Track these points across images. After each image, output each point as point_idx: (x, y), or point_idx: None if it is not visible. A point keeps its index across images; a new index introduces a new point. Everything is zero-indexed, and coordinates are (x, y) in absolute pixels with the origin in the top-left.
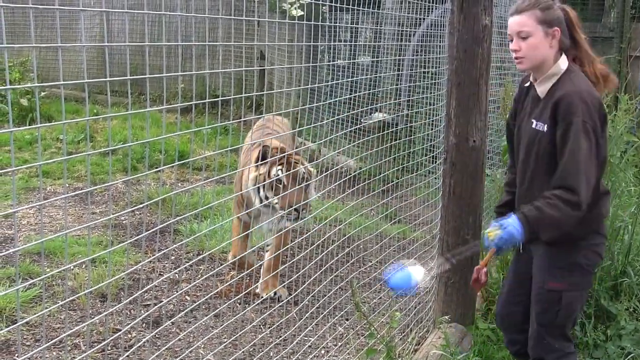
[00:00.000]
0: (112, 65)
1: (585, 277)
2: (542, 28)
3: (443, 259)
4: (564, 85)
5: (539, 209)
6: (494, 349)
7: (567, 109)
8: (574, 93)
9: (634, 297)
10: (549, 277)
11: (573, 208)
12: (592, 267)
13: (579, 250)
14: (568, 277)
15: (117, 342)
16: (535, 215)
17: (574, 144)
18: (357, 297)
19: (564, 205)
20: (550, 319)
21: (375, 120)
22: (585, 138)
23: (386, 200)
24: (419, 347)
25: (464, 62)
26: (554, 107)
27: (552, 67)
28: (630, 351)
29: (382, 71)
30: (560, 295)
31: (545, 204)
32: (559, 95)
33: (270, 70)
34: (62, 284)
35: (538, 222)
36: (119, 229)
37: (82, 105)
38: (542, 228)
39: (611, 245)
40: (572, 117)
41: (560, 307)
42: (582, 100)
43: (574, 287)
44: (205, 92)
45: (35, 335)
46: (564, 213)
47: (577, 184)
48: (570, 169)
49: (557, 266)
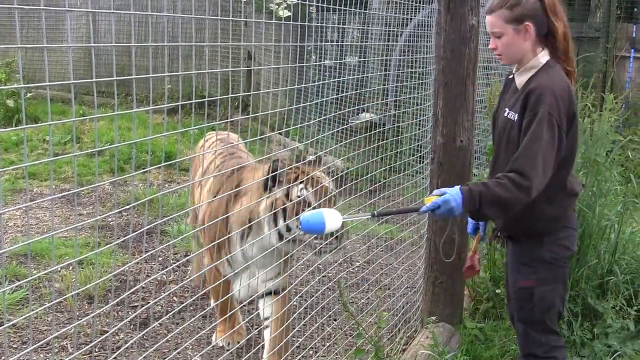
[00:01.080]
0: (98, 66)
1: (554, 271)
2: (512, 26)
3: (369, 214)
4: (539, 78)
5: (486, 185)
6: (482, 348)
7: (536, 99)
8: (546, 86)
9: (620, 295)
10: (518, 276)
11: (521, 191)
12: (561, 260)
13: (543, 246)
14: (535, 274)
15: (105, 344)
16: (480, 190)
17: (535, 132)
18: (345, 297)
19: (512, 186)
20: (528, 315)
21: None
22: (548, 129)
23: (374, 201)
24: (407, 347)
25: (451, 62)
26: (525, 98)
27: (532, 60)
28: (616, 349)
29: (369, 71)
30: (532, 292)
31: (495, 183)
32: (531, 86)
33: (258, 71)
34: (49, 285)
35: (482, 197)
36: (106, 230)
37: (69, 106)
38: (486, 204)
39: (597, 244)
40: (538, 108)
41: (533, 303)
42: (552, 94)
43: (543, 283)
44: (192, 93)
45: (22, 337)
46: (511, 194)
47: (530, 170)
48: (527, 154)
49: (523, 263)
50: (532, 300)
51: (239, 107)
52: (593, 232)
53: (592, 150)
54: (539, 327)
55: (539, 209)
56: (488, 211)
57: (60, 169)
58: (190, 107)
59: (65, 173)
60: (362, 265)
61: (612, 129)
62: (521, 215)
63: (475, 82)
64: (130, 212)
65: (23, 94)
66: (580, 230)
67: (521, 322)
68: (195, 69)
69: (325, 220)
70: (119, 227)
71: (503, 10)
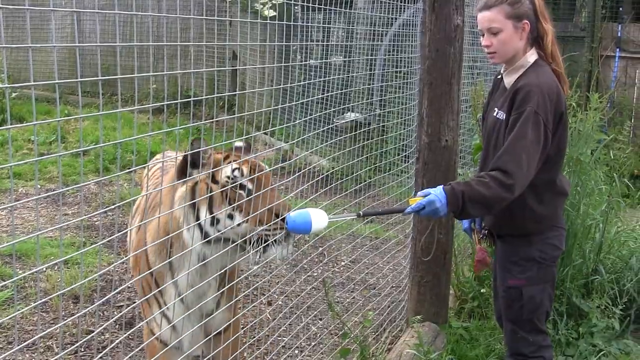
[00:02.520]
0: (84, 66)
1: (543, 270)
2: (512, 23)
3: (355, 214)
4: (528, 77)
5: (469, 184)
6: (467, 348)
7: (523, 98)
8: (534, 85)
9: (605, 294)
10: (507, 275)
11: (504, 189)
12: (550, 259)
13: (532, 245)
14: (524, 273)
15: (91, 343)
16: (462, 189)
17: (520, 131)
18: (330, 296)
19: (495, 185)
20: (517, 315)
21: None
22: (533, 128)
23: (359, 200)
24: (393, 347)
25: (436, 61)
26: (512, 97)
27: (521, 59)
28: (601, 348)
29: (354, 71)
30: (521, 291)
31: (477, 181)
32: (519, 85)
33: (243, 71)
34: (34, 285)
35: (464, 196)
36: (92, 230)
37: (54, 106)
38: (469, 203)
39: (582, 244)
40: (525, 106)
41: (522, 302)
42: (540, 93)
43: (532, 282)
44: (177, 93)
45: (8, 337)
46: (493, 192)
47: (513, 168)
48: (510, 152)
49: (512, 262)
50: (521, 299)
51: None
52: (578, 232)
53: (576, 150)
54: (527, 326)
55: (529, 208)
56: (472, 210)
57: (46, 168)
58: (176, 107)
59: (50, 173)
60: (348, 264)
61: (597, 128)
62: (511, 215)
63: (461, 81)
64: (116, 212)
65: (8, 94)
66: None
67: (510, 321)
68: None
69: (311, 219)
70: (104, 227)
71: (504, 6)
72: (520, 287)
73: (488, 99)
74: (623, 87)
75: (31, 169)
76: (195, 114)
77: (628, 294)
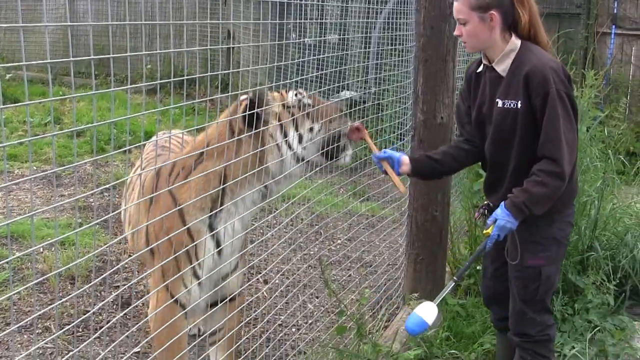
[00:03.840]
0: (78, 46)
1: (561, 249)
2: (477, 14)
3: (451, 282)
4: (527, 59)
5: (526, 190)
6: (464, 324)
7: (540, 81)
8: (541, 65)
9: (600, 270)
10: (527, 254)
11: (558, 179)
12: (567, 238)
13: (553, 223)
14: (546, 252)
15: (88, 323)
16: (522, 200)
17: (552, 113)
18: (326, 274)
19: (549, 179)
20: (532, 295)
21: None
22: (561, 106)
23: (355, 178)
24: (389, 324)
25: (431, 38)
26: (524, 82)
27: (508, 45)
28: (596, 324)
29: (349, 49)
30: (540, 270)
31: (533, 183)
32: (527, 69)
33: (238, 50)
34: (31, 267)
35: (526, 204)
36: (88, 211)
37: (49, 88)
38: (534, 208)
39: (578, 220)
40: (547, 88)
41: (540, 282)
42: (552, 70)
43: (550, 261)
44: (171, 73)
45: (5, 319)
46: (551, 188)
47: (559, 154)
48: (551, 139)
49: (534, 242)
50: (539, 279)
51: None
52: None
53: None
54: (538, 306)
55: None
56: (537, 210)
57: (41, 150)
58: (170, 87)
59: (46, 154)
60: (344, 242)
61: (593, 105)
62: None
63: (456, 58)
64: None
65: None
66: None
67: (521, 302)
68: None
69: (423, 317)
70: (100, 208)
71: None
72: (540, 267)
73: (471, 95)
74: (619, 64)
75: (26, 150)
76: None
77: (623, 270)
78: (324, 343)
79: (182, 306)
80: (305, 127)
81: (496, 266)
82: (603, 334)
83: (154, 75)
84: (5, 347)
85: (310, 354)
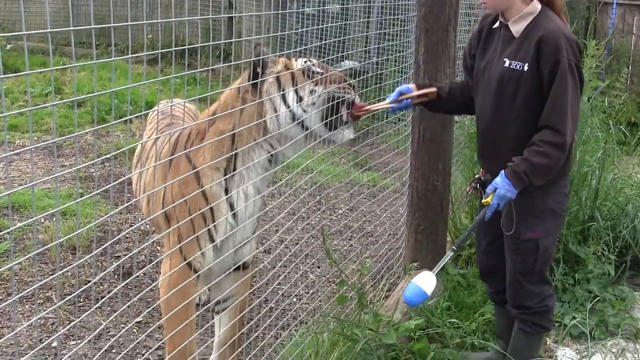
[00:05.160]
0: (79, 16)
1: (557, 220)
2: None
3: (450, 251)
4: (543, 24)
5: (526, 160)
6: (465, 294)
7: (553, 47)
8: (557, 32)
9: (601, 241)
10: (524, 227)
11: (560, 150)
12: (564, 209)
13: (549, 195)
14: (542, 225)
15: (89, 294)
16: (524, 169)
17: (561, 84)
18: (328, 244)
19: (551, 149)
20: (530, 268)
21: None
22: (570, 77)
23: (356, 148)
24: (390, 294)
25: (432, 8)
26: (536, 46)
27: (528, 7)
28: (597, 294)
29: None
30: (537, 243)
31: (534, 152)
32: (541, 33)
33: (239, 19)
34: (32, 237)
35: (528, 173)
36: (89, 181)
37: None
38: (534, 177)
39: (579, 191)
40: (558, 56)
41: (537, 254)
42: (565, 39)
43: (548, 233)
44: (172, 42)
45: (7, 289)
46: (552, 158)
47: (563, 125)
48: (558, 109)
49: (530, 214)
50: (537, 251)
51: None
52: (574, 179)
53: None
54: (536, 278)
55: None
56: (537, 180)
57: (42, 120)
58: (171, 57)
59: (47, 124)
60: (345, 212)
61: (594, 75)
62: None
63: (457, 28)
64: (112, 162)
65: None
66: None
67: (519, 274)
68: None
69: (422, 287)
70: (101, 178)
71: None
72: (537, 239)
73: (479, 47)
74: (621, 34)
75: (27, 120)
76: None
77: (624, 240)
78: (325, 313)
79: (195, 271)
80: (306, 90)
81: (489, 240)
82: (603, 304)
83: (155, 45)
84: (7, 318)
85: (312, 323)
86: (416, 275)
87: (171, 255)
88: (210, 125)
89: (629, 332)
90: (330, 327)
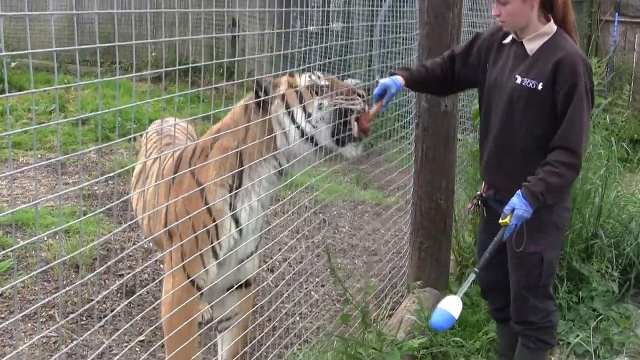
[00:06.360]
0: (83, 34)
1: (560, 234)
2: None
3: (471, 273)
4: (560, 45)
5: (543, 180)
6: (468, 313)
7: (571, 70)
8: (575, 55)
9: (604, 258)
10: (529, 240)
11: (574, 171)
12: (566, 223)
13: (554, 210)
14: (546, 238)
15: (92, 312)
16: (540, 190)
17: (578, 107)
18: (332, 263)
19: (565, 170)
20: (534, 282)
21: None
22: (586, 100)
23: (362, 167)
24: (394, 312)
25: (435, 26)
26: (554, 67)
27: (544, 27)
28: (601, 312)
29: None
30: (541, 256)
31: (549, 172)
32: (561, 56)
33: (242, 38)
34: (35, 255)
35: (543, 194)
36: (92, 199)
37: (54, 75)
38: (549, 196)
39: (582, 208)
40: (576, 79)
41: (542, 268)
42: (582, 63)
43: (552, 247)
44: (176, 61)
45: (9, 307)
46: (567, 178)
47: (578, 146)
48: (573, 130)
49: (535, 229)
50: (541, 265)
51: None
52: (577, 196)
53: None
54: (540, 292)
55: None
56: (551, 200)
57: (46, 138)
58: (175, 75)
59: (50, 142)
60: (349, 231)
61: (596, 93)
62: None
63: None
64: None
65: (5, 62)
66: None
67: (523, 288)
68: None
69: (449, 311)
70: (104, 196)
71: None
72: (541, 252)
73: (488, 62)
74: (622, 51)
75: (31, 138)
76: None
77: (627, 258)
78: (329, 332)
79: (198, 288)
80: (313, 105)
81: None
82: (608, 322)
83: (159, 63)
84: (9, 336)
85: (315, 342)
86: (442, 300)
87: (174, 273)
88: (214, 141)
89: (634, 350)
90: (334, 346)
